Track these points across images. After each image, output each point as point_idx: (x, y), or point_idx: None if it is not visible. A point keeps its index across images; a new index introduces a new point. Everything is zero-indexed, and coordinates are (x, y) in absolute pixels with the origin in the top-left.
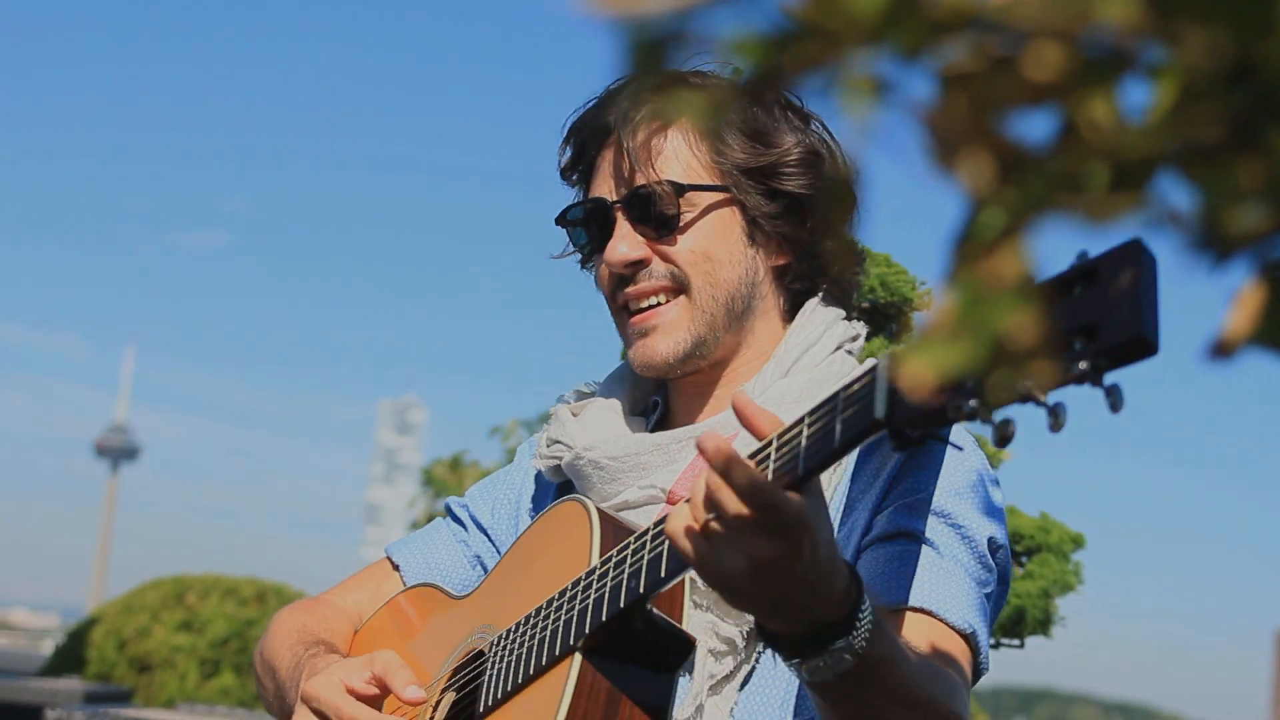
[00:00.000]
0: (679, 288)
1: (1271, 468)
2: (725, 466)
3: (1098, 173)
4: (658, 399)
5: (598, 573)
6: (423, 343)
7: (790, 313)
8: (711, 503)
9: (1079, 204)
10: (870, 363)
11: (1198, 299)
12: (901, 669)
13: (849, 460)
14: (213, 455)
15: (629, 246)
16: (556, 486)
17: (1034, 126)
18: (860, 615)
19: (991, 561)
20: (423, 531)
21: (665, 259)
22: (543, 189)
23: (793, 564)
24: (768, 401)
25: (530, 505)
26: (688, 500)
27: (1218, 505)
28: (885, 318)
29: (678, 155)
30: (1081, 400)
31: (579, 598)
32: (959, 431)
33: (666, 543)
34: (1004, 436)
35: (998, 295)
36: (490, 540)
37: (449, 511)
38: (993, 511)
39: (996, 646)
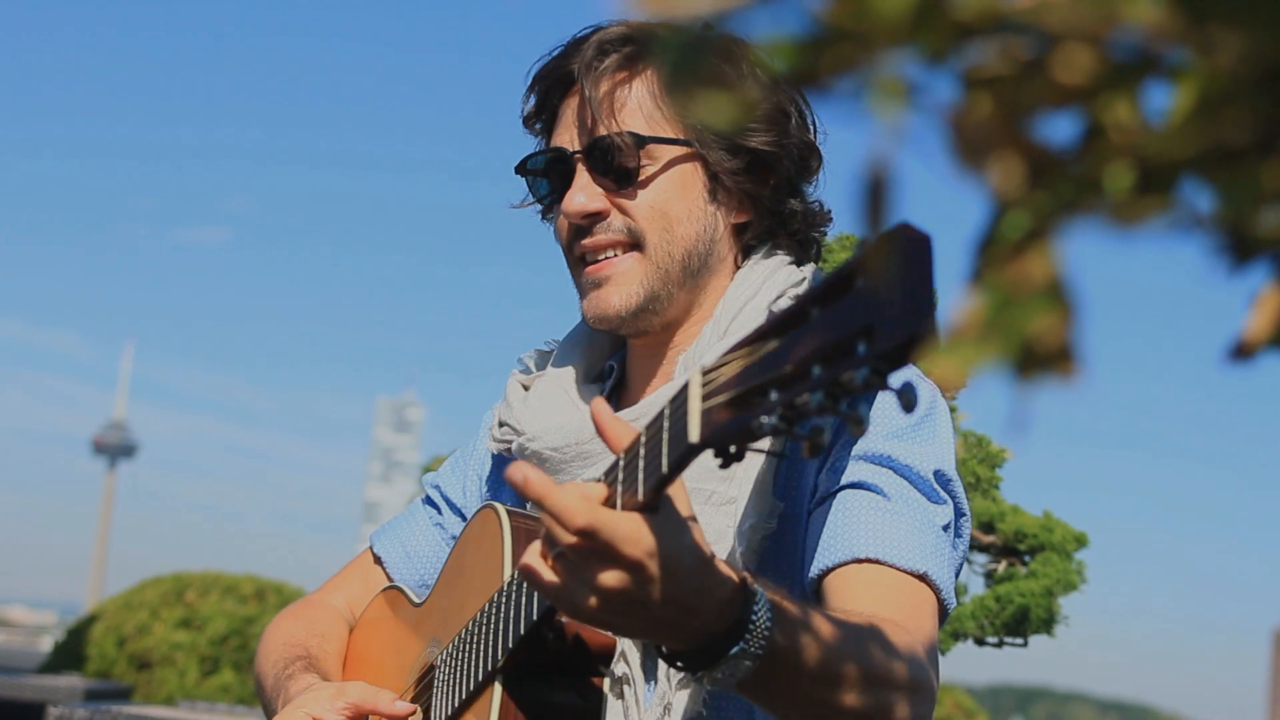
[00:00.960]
0: (634, 242)
1: (1268, 467)
2: (539, 497)
3: (1125, 175)
4: (613, 363)
5: (504, 590)
6: (421, 341)
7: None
8: (547, 534)
9: (1107, 207)
10: (681, 380)
11: (1204, 300)
12: (820, 650)
13: None
14: (210, 452)
15: (587, 197)
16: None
17: (1059, 128)
18: (754, 618)
19: (943, 494)
20: (401, 518)
21: (623, 212)
22: None
23: (646, 588)
24: (704, 359)
25: (492, 486)
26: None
27: (1215, 504)
28: None
29: (641, 107)
30: (1084, 403)
31: (493, 618)
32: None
33: None
34: (816, 446)
35: (1028, 297)
36: (465, 520)
37: (425, 497)
38: (937, 442)
39: (1000, 645)
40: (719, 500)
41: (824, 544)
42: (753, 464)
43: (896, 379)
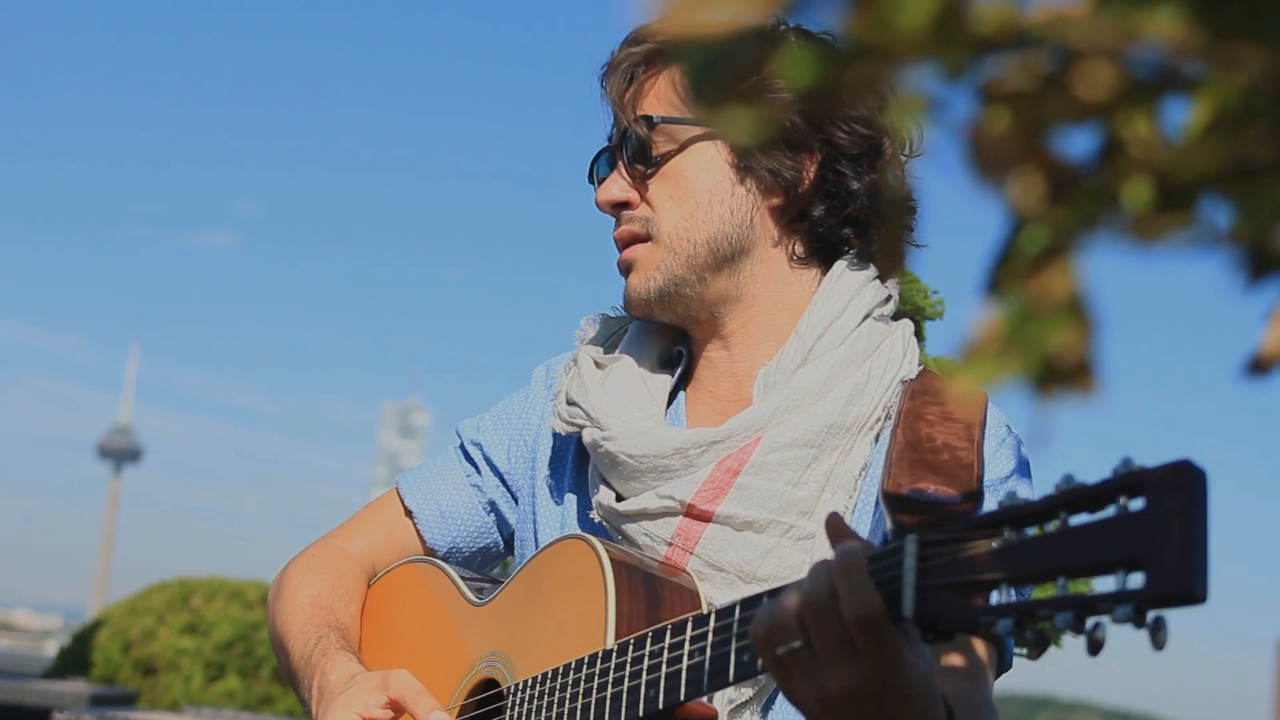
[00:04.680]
0: (651, 232)
1: (1272, 477)
2: (845, 570)
3: (1145, 191)
4: (681, 349)
5: (615, 661)
6: (426, 346)
7: (810, 258)
8: (818, 614)
9: (1126, 222)
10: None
11: (1210, 313)
12: None
13: (877, 456)
14: (215, 457)
15: (617, 189)
16: (576, 447)
17: (1078, 143)
18: None
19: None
20: (434, 469)
21: (646, 201)
22: (551, 192)
23: (880, 699)
24: (791, 395)
25: (549, 460)
26: (772, 605)
27: (1219, 514)
28: None
29: (658, 93)
30: (1089, 407)
31: (596, 685)
32: (1005, 419)
33: (696, 655)
34: (1039, 651)
35: (1048, 313)
36: (506, 486)
37: (461, 448)
38: (1027, 483)
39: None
40: (797, 534)
41: None
42: (834, 504)
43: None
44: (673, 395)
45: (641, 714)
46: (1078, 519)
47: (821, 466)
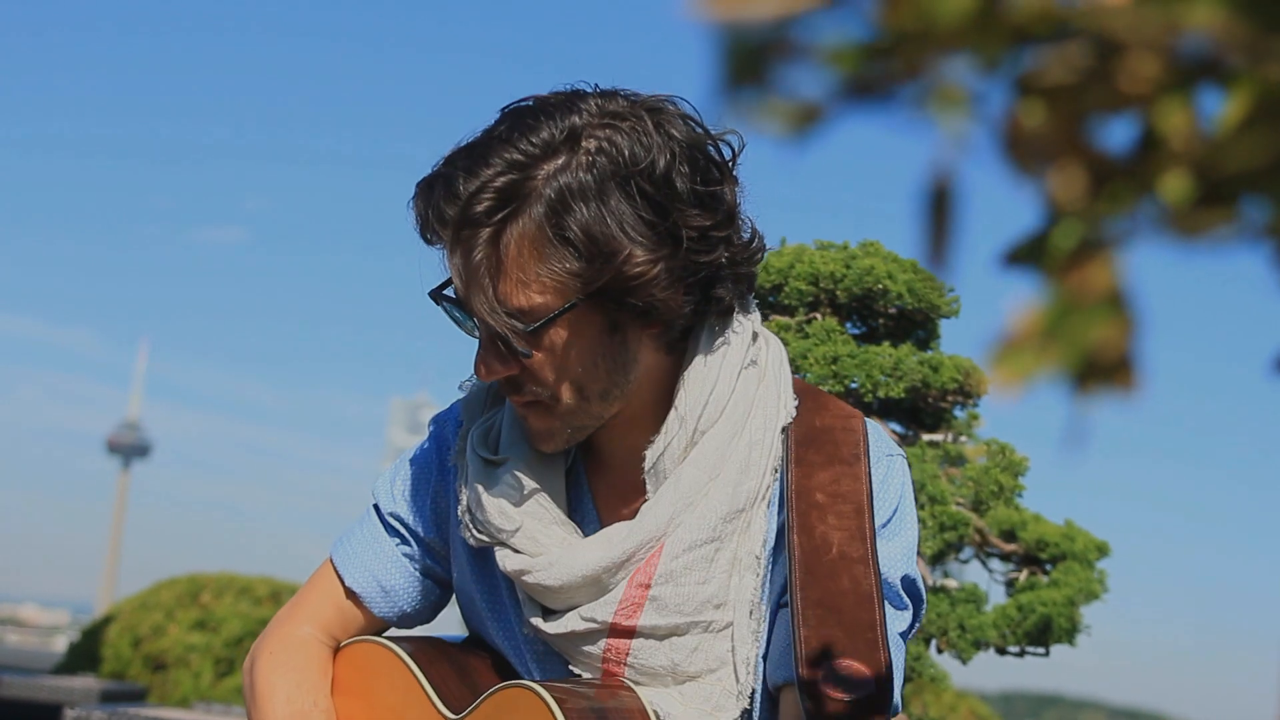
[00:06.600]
0: (543, 403)
1: (1273, 472)
2: None
3: (1185, 184)
4: None
5: None
6: (435, 343)
7: (674, 342)
8: None
9: (1167, 216)
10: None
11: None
12: None
13: (775, 516)
14: (224, 452)
15: (487, 369)
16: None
17: (1116, 135)
18: None
19: (906, 600)
20: (364, 541)
21: (527, 377)
22: None
23: None
24: (683, 494)
25: (470, 566)
26: None
27: (1227, 511)
28: (913, 324)
29: (520, 264)
30: (1128, 404)
31: None
32: (885, 443)
33: None
34: None
35: (1090, 306)
36: (434, 552)
37: (383, 520)
38: (905, 543)
39: (1021, 655)
40: (717, 628)
41: (784, 654)
42: (744, 587)
43: None
44: (572, 472)
45: None
46: None
47: (725, 555)
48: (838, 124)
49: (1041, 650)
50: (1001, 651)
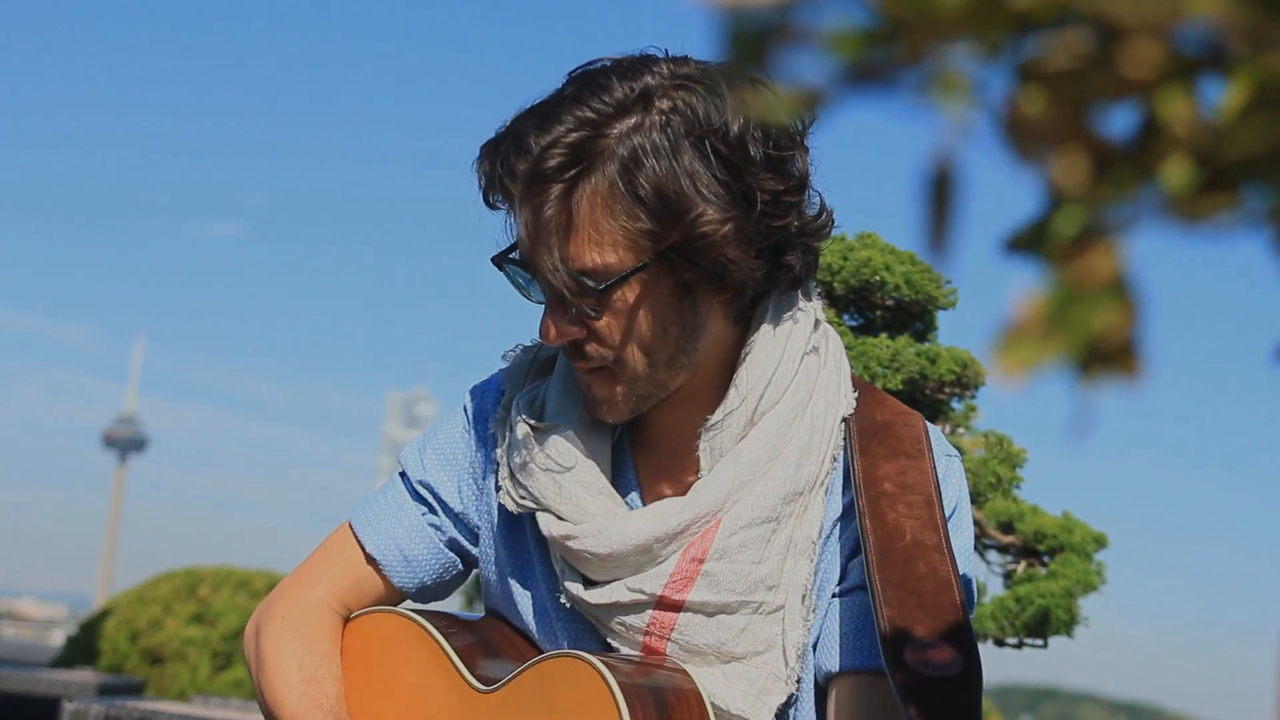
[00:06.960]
0: (608, 368)
1: (1275, 467)
2: None
3: (1187, 171)
4: None
5: None
6: (432, 336)
7: (743, 311)
8: None
9: (1169, 203)
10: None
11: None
12: None
13: (835, 503)
14: (221, 446)
15: (557, 331)
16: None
17: (1118, 121)
18: None
19: (970, 596)
20: (388, 507)
21: (595, 340)
22: None
23: None
24: (742, 471)
25: (499, 509)
26: None
27: (1224, 504)
28: (910, 315)
29: (593, 221)
30: (1132, 391)
31: None
32: (944, 443)
33: None
34: None
35: (1093, 293)
36: (464, 524)
37: (409, 488)
38: (964, 541)
39: (1020, 647)
40: (767, 609)
41: (845, 644)
42: (798, 571)
43: None
44: (617, 446)
45: None
46: None
47: (781, 536)
48: (839, 110)
49: (1039, 642)
50: (999, 643)
